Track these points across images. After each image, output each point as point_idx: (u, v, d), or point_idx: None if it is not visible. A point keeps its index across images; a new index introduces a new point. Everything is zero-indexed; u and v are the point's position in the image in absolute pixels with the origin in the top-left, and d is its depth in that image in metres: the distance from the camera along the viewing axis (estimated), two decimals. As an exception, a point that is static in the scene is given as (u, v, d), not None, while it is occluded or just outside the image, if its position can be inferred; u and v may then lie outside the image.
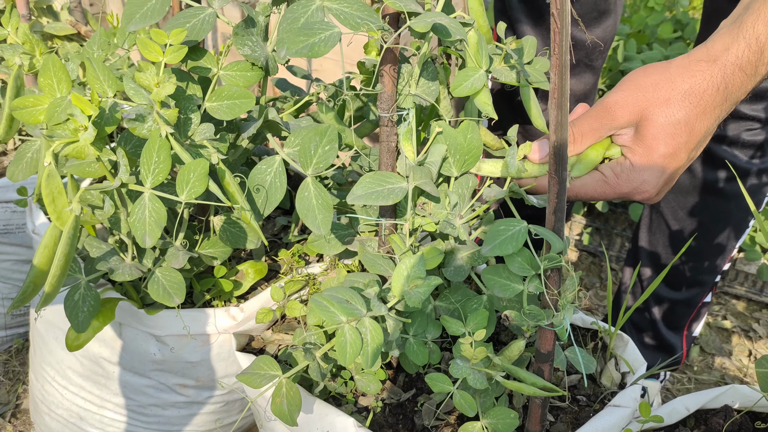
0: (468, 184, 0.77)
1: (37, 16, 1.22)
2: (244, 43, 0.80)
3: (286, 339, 0.96)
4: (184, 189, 0.74)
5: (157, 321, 0.95)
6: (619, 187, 0.78)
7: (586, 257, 2.02)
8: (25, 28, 0.96)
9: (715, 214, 1.35)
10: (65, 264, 0.72)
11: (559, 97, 0.60)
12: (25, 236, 1.37)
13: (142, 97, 0.74)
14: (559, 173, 0.63)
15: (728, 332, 1.81)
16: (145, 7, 0.79)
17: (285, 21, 0.69)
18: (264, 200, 0.80)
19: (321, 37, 0.65)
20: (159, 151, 0.73)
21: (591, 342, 0.94)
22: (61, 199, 0.72)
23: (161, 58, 0.76)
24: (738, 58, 0.73)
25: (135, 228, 0.75)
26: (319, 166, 0.76)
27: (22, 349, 1.52)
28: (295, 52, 0.64)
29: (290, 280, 1.00)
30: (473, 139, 0.77)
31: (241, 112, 0.81)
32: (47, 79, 0.77)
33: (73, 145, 0.71)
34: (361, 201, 0.73)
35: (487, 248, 0.67)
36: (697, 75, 0.74)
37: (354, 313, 0.66)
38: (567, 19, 0.57)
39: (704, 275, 1.43)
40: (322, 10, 0.69)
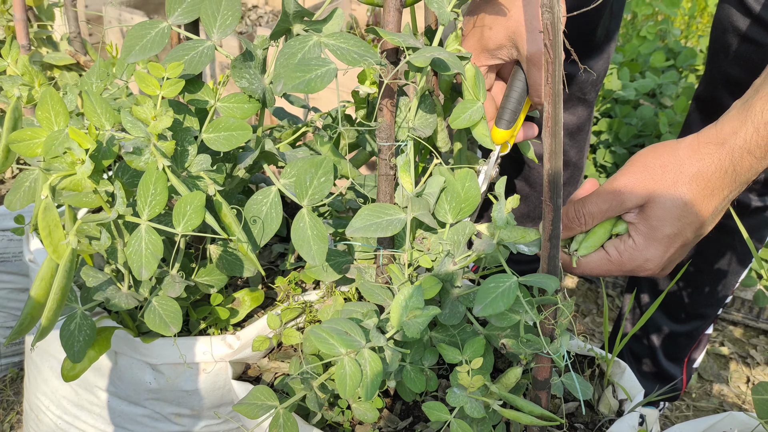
0: (465, 230, 0.78)
1: (37, 46, 1.23)
2: (242, 76, 0.81)
3: (283, 367, 0.96)
4: (181, 221, 0.75)
5: (152, 349, 0.95)
6: (623, 265, 0.79)
7: (582, 284, 2.02)
8: (24, 59, 0.97)
9: (719, 248, 1.33)
10: (62, 297, 0.72)
11: (552, 126, 0.61)
12: (21, 265, 1.37)
13: (140, 130, 0.75)
14: (554, 200, 0.64)
15: (726, 359, 1.81)
16: (144, 39, 0.81)
17: (282, 56, 0.69)
18: (260, 231, 0.81)
19: (318, 72, 0.65)
20: (156, 184, 0.74)
21: (588, 369, 0.94)
22: (57, 232, 0.72)
23: (158, 91, 0.77)
24: (746, 142, 0.73)
25: (131, 260, 0.75)
26: (315, 198, 0.76)
27: (17, 378, 1.51)
28: (292, 88, 0.65)
29: (287, 307, 1.00)
30: (471, 188, 0.78)
31: (238, 143, 0.81)
32: (45, 112, 0.78)
33: (70, 178, 0.72)
34: (359, 233, 0.74)
35: (478, 308, 0.67)
36: (706, 158, 0.74)
37: (353, 344, 0.66)
38: (559, 50, 0.58)
39: (707, 308, 1.41)
40: (319, 46, 0.70)
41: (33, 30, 1.22)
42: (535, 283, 0.67)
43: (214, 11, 0.82)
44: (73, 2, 1.33)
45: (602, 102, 1.95)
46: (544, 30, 0.57)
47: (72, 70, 1.21)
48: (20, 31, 1.16)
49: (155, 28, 0.82)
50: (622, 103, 1.95)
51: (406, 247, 0.78)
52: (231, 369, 0.94)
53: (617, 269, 0.79)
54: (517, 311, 0.71)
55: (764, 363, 1.79)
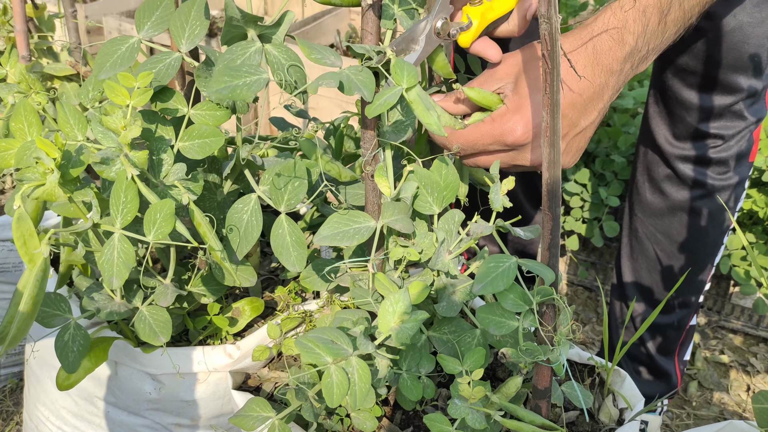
0: (454, 219, 0.78)
1: (38, 57, 1.23)
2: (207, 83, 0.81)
3: (283, 377, 0.96)
4: (152, 229, 0.75)
5: (152, 359, 0.95)
6: (492, 131, 0.83)
7: (582, 292, 2.02)
8: (21, 68, 0.98)
9: (692, 233, 1.37)
10: (33, 306, 0.73)
11: (551, 136, 0.62)
12: (21, 275, 1.37)
13: (111, 140, 0.75)
14: (553, 210, 0.64)
15: (726, 367, 1.80)
16: (115, 55, 0.82)
17: (222, 60, 0.69)
18: (239, 240, 0.81)
19: (246, 80, 0.65)
20: (126, 192, 0.74)
21: (588, 377, 0.94)
22: (32, 242, 0.72)
23: (128, 101, 0.77)
24: (605, 24, 0.82)
25: (103, 269, 0.75)
26: (291, 203, 0.77)
27: (16, 388, 1.51)
28: (215, 92, 0.63)
29: (287, 317, 1.00)
30: (448, 174, 0.78)
31: (212, 150, 0.82)
32: (18, 123, 0.78)
33: (42, 188, 0.72)
34: (326, 242, 0.74)
35: (478, 286, 0.67)
36: (569, 37, 0.83)
37: (340, 353, 0.66)
38: (557, 60, 0.58)
39: (689, 296, 1.44)
40: (260, 53, 0.69)
41: (33, 41, 1.23)
42: (533, 268, 0.67)
43: (183, 23, 0.83)
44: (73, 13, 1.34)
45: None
46: (542, 41, 0.57)
47: (72, 80, 1.21)
48: (21, 41, 1.16)
49: (126, 43, 0.83)
50: (620, 112, 1.96)
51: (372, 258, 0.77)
52: (231, 379, 0.94)
53: (488, 136, 0.83)
54: (514, 315, 0.71)
55: (764, 371, 1.79)
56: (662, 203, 1.38)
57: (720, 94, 1.22)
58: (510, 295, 0.69)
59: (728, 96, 1.22)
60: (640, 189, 1.42)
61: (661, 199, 1.38)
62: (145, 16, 0.84)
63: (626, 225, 1.49)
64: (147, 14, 0.84)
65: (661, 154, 1.34)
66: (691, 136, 1.29)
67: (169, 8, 0.84)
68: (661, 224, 1.40)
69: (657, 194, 1.38)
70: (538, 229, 0.72)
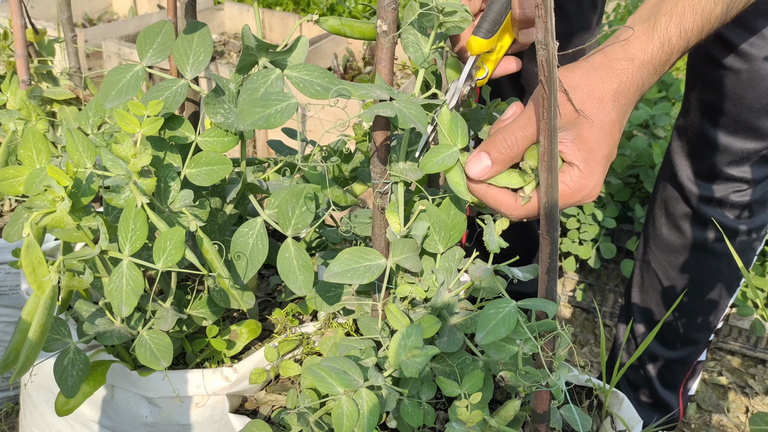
0: (454, 257, 0.78)
1: (37, 81, 1.24)
2: (216, 111, 0.81)
3: (280, 399, 0.95)
4: (161, 257, 0.75)
5: (149, 383, 0.94)
6: (572, 196, 0.76)
7: (579, 313, 2.02)
8: (22, 94, 0.98)
9: (707, 272, 1.34)
10: (42, 334, 0.72)
11: (548, 160, 0.62)
12: (18, 298, 1.36)
13: (120, 168, 0.75)
14: (551, 234, 0.65)
15: (724, 389, 1.80)
16: (120, 84, 0.82)
17: (245, 91, 0.69)
18: (245, 265, 0.81)
19: (277, 108, 0.65)
20: (135, 219, 0.74)
21: (586, 400, 0.94)
22: (41, 269, 0.72)
23: (139, 129, 0.78)
24: (652, 57, 0.77)
25: (111, 296, 0.75)
26: (298, 227, 0.77)
27: (12, 412, 1.50)
28: (251, 124, 0.64)
29: (284, 339, 0.99)
30: (456, 215, 0.78)
31: (219, 177, 0.82)
32: (27, 150, 0.78)
33: (51, 215, 0.72)
34: (336, 279, 0.74)
35: (480, 335, 0.66)
36: (621, 75, 0.76)
37: (351, 384, 0.66)
38: (554, 86, 0.59)
39: (698, 333, 1.42)
40: (281, 79, 0.69)
41: (33, 65, 1.24)
42: (534, 306, 0.67)
43: (186, 49, 0.83)
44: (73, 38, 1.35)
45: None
46: (539, 67, 0.58)
47: (71, 104, 1.22)
48: (21, 66, 1.17)
49: (130, 71, 0.83)
50: (616, 134, 1.97)
51: (381, 297, 0.77)
52: (228, 402, 0.93)
53: (567, 202, 0.76)
54: (514, 341, 0.71)
55: (763, 393, 1.78)
56: (678, 240, 1.35)
57: (749, 138, 1.19)
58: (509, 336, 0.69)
59: (757, 141, 1.19)
60: (656, 223, 1.39)
61: (677, 236, 1.35)
62: (146, 43, 0.84)
63: (639, 255, 1.46)
64: (148, 41, 0.84)
65: (681, 191, 1.31)
66: (714, 176, 1.25)
67: (169, 34, 0.84)
68: (675, 260, 1.37)
69: (673, 231, 1.35)
70: (537, 268, 0.71)
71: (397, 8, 0.71)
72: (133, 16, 2.71)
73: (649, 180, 1.87)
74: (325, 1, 3.03)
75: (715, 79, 1.17)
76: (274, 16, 2.55)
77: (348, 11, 3.00)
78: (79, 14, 2.66)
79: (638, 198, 1.93)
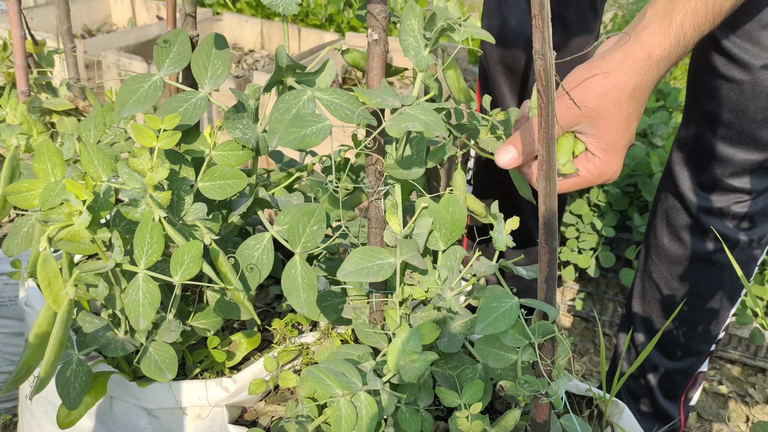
0: (456, 255, 0.79)
1: (37, 92, 1.24)
2: (235, 126, 0.81)
3: (279, 410, 0.95)
4: (178, 270, 0.75)
5: (148, 394, 0.94)
6: (594, 181, 0.87)
7: (579, 322, 2.02)
8: (22, 108, 0.98)
9: (709, 283, 1.34)
10: (59, 348, 0.72)
11: (547, 169, 0.62)
12: (17, 309, 1.36)
13: (136, 181, 0.75)
14: (549, 243, 0.65)
15: (725, 398, 1.80)
16: (137, 93, 0.81)
17: (276, 111, 0.70)
18: (252, 276, 0.81)
19: (313, 129, 0.66)
20: (152, 233, 0.74)
21: (586, 409, 0.94)
22: (57, 282, 0.72)
23: (155, 143, 0.77)
24: (669, 53, 0.83)
25: (129, 309, 0.75)
26: (308, 245, 0.77)
27: (10, 424, 1.49)
28: (287, 143, 0.65)
29: (283, 350, 0.99)
30: (456, 212, 0.78)
31: (233, 192, 0.82)
32: (41, 164, 0.78)
33: (67, 229, 0.72)
34: (351, 277, 0.74)
35: (480, 327, 0.67)
36: (639, 73, 0.82)
37: (350, 386, 0.66)
38: (552, 95, 0.59)
39: (700, 344, 1.41)
40: (312, 101, 0.70)
41: (33, 76, 1.24)
42: (536, 305, 0.67)
43: (204, 62, 0.82)
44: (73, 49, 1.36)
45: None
46: (537, 77, 0.58)
47: (71, 115, 1.22)
48: (20, 77, 1.17)
49: (148, 81, 0.83)
50: (614, 143, 1.97)
51: (398, 291, 0.78)
52: (227, 413, 0.93)
53: (588, 184, 0.87)
54: (513, 349, 0.71)
55: (763, 401, 1.78)
56: (680, 251, 1.35)
57: (751, 149, 1.19)
58: (510, 331, 0.69)
59: (759, 152, 1.19)
60: (657, 233, 1.39)
61: (678, 247, 1.35)
62: (163, 53, 0.83)
63: (640, 266, 1.46)
64: (164, 51, 0.83)
65: (682, 202, 1.31)
66: (716, 187, 1.25)
67: (185, 43, 0.83)
68: (676, 271, 1.37)
69: (675, 241, 1.35)
70: None
71: (388, 18, 0.71)
72: (132, 26, 2.72)
73: (648, 189, 1.87)
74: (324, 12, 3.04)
75: (717, 90, 1.18)
76: (273, 27, 2.56)
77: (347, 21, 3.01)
78: (78, 25, 2.67)
79: (637, 207, 1.93)
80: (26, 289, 1.09)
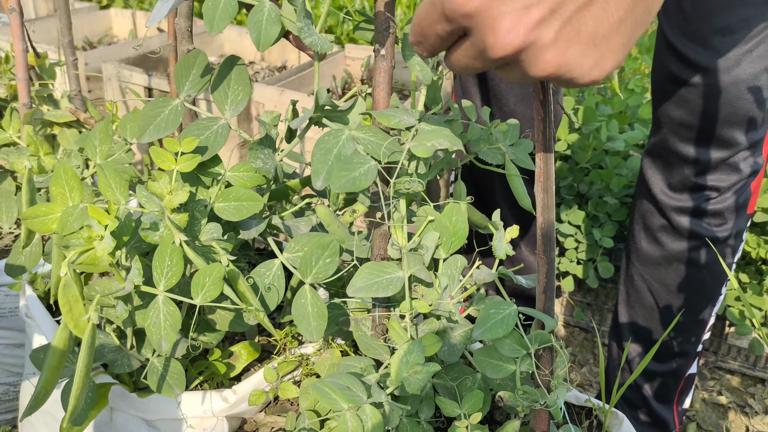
0: (456, 264, 0.79)
1: (38, 104, 1.25)
2: (257, 156, 0.81)
3: (279, 421, 0.95)
4: (200, 292, 0.75)
5: (148, 405, 0.94)
6: None
7: (578, 333, 2.02)
8: (29, 129, 0.99)
9: (688, 283, 1.38)
10: (86, 374, 0.72)
11: (545, 181, 0.63)
12: (17, 320, 1.36)
13: (154, 205, 0.75)
14: (548, 254, 0.65)
15: (724, 408, 1.80)
16: (158, 118, 0.81)
17: (318, 151, 0.70)
18: (263, 302, 0.82)
19: (360, 171, 0.67)
20: (171, 256, 0.74)
21: (586, 420, 0.94)
22: (77, 307, 0.72)
23: (174, 166, 0.77)
24: None
25: (150, 332, 0.75)
26: (318, 276, 0.78)
27: (9, 435, 1.49)
28: (339, 188, 0.66)
29: (283, 360, 0.99)
30: (458, 221, 0.79)
31: (248, 214, 0.81)
32: (59, 188, 0.77)
33: (88, 253, 0.71)
34: (361, 293, 0.75)
35: (477, 332, 0.68)
36: None
37: (355, 400, 0.67)
38: (550, 108, 0.60)
39: (686, 345, 1.44)
40: (351, 140, 0.71)
41: (34, 88, 1.25)
42: (534, 314, 0.67)
43: (224, 87, 0.82)
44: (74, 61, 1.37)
45: (593, 153, 1.98)
46: (535, 89, 0.59)
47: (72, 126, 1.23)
48: (22, 89, 1.18)
49: (168, 105, 0.82)
50: (612, 155, 1.98)
51: (406, 305, 0.78)
52: (227, 424, 0.93)
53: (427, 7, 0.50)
54: (512, 360, 0.71)
55: (762, 412, 1.78)
56: (658, 253, 1.39)
57: (715, 147, 1.24)
58: (507, 341, 0.69)
59: (724, 150, 1.24)
60: (636, 238, 1.43)
61: (656, 249, 1.39)
62: (182, 75, 0.82)
63: (623, 272, 1.50)
64: (184, 74, 0.82)
65: (656, 204, 1.36)
66: (686, 187, 1.31)
67: (203, 64, 0.82)
68: (657, 273, 1.41)
69: (653, 244, 1.39)
70: None
71: (395, 32, 0.72)
72: (133, 39, 2.73)
73: (646, 199, 1.88)
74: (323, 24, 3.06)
75: (679, 95, 1.23)
76: (272, 39, 2.57)
77: (346, 33, 3.03)
78: (79, 37, 2.68)
79: (635, 217, 1.94)
80: (27, 300, 1.10)
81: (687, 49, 1.18)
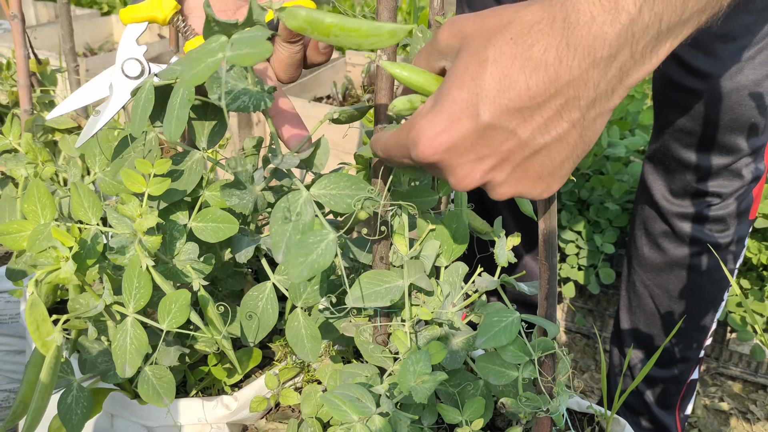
0: (458, 271, 0.79)
1: (39, 110, 1.25)
2: (232, 194, 0.76)
3: (281, 428, 0.95)
4: (166, 318, 0.74)
5: (149, 412, 0.94)
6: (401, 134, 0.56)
7: (579, 339, 2.01)
8: (27, 137, 0.99)
9: (690, 288, 1.38)
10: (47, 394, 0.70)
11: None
12: (18, 326, 1.36)
13: (125, 227, 0.74)
14: (550, 260, 0.65)
15: (726, 414, 1.79)
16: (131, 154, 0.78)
17: (275, 221, 0.66)
18: (256, 327, 0.81)
19: (318, 251, 0.62)
20: (139, 278, 0.73)
21: (588, 427, 0.94)
22: (45, 326, 0.70)
23: (144, 188, 0.75)
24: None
25: (116, 355, 0.74)
26: (308, 301, 0.77)
27: (8, 442, 1.49)
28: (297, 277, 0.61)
29: (284, 367, 0.99)
30: (459, 228, 0.79)
31: (225, 236, 0.79)
32: (31, 205, 0.76)
33: (56, 272, 0.70)
34: (360, 303, 0.74)
35: (481, 340, 0.68)
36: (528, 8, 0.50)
37: (365, 411, 0.66)
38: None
39: (687, 350, 1.44)
40: (310, 203, 0.66)
41: (36, 95, 1.25)
42: (537, 322, 0.67)
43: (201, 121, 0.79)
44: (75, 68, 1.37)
45: (594, 159, 1.98)
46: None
47: (73, 133, 1.23)
48: (24, 96, 1.18)
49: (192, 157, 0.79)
50: (613, 161, 1.98)
51: (407, 312, 0.78)
52: (228, 431, 0.93)
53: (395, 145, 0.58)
54: (514, 366, 0.71)
55: (764, 418, 1.78)
56: (659, 259, 1.39)
57: (717, 153, 1.24)
58: (510, 348, 0.69)
59: (726, 156, 1.24)
60: (637, 243, 1.43)
61: (658, 255, 1.39)
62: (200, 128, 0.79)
63: (624, 278, 1.50)
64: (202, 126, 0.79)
65: (658, 210, 1.36)
66: (688, 193, 1.30)
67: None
68: (658, 279, 1.41)
69: (654, 250, 1.39)
70: None
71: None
72: (133, 45, 2.73)
73: (647, 205, 1.88)
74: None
75: (680, 101, 1.23)
76: (273, 45, 2.57)
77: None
78: (80, 44, 2.69)
79: (636, 223, 1.94)
80: (27, 307, 1.09)
81: (688, 55, 1.19)
